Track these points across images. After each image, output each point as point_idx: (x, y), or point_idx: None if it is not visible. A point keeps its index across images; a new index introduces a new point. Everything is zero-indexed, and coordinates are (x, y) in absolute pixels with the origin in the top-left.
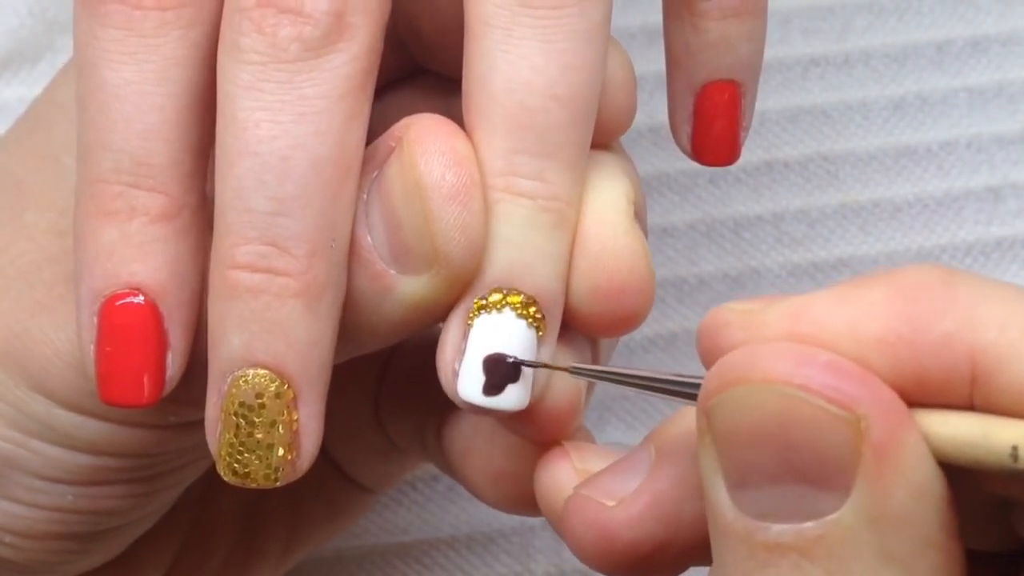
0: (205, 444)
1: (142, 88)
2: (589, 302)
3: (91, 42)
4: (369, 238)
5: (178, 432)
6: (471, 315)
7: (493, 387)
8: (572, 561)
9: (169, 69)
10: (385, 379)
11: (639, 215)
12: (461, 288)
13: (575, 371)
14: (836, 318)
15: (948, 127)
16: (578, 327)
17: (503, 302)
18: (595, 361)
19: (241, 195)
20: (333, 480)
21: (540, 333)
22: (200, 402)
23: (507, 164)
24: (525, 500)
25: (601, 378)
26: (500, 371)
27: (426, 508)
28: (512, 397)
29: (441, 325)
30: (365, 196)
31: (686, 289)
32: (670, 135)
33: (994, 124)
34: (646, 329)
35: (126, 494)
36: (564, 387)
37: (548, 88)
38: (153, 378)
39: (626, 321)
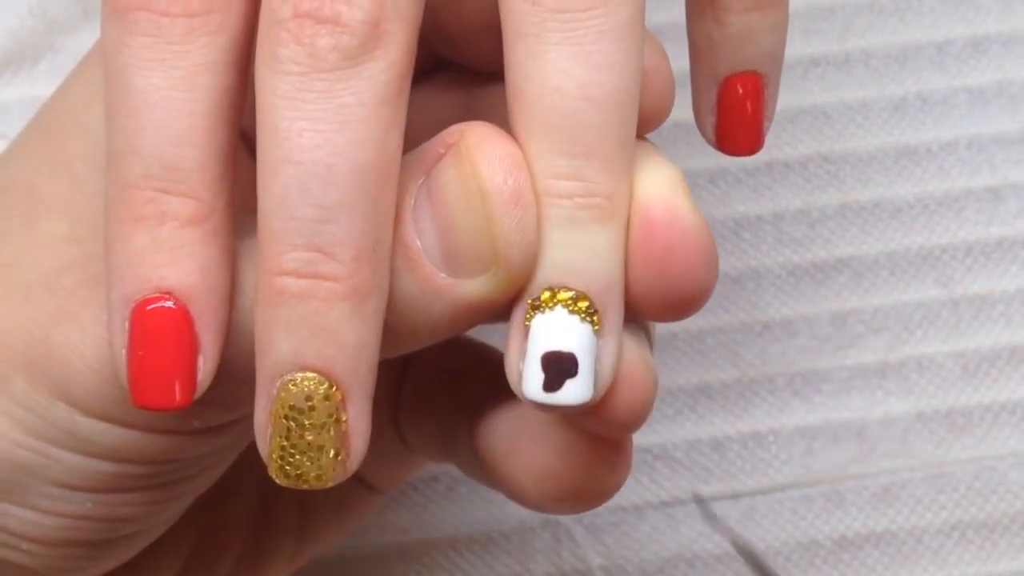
0: (222, 450)
1: (171, 94)
2: (660, 287)
3: (120, 49)
4: (419, 242)
5: (199, 438)
6: (527, 316)
7: (552, 384)
8: (572, 561)
9: (198, 75)
10: (405, 382)
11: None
12: (515, 289)
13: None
14: None
15: (948, 127)
16: (647, 313)
17: (553, 300)
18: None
19: (286, 203)
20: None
21: (596, 327)
22: (223, 405)
23: (545, 167)
24: (570, 497)
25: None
26: (557, 368)
27: (426, 508)
28: (572, 392)
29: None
30: (412, 201)
31: None
32: (670, 134)
33: (994, 124)
34: None
35: (144, 501)
36: (638, 380)
37: (579, 90)
38: (185, 382)
39: (698, 300)
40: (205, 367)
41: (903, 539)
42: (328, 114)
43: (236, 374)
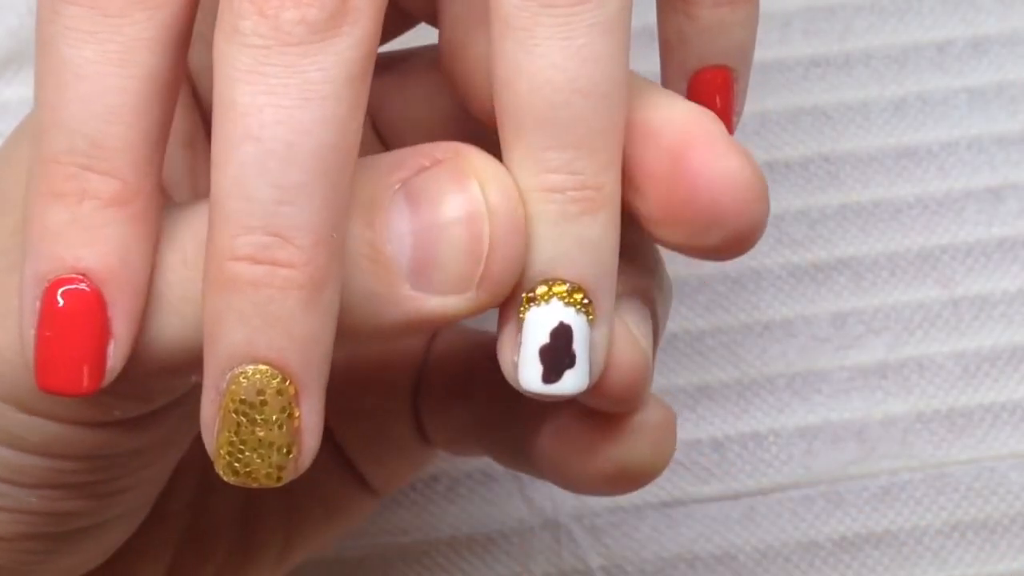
0: (162, 445)
1: (104, 68)
2: (707, 218)
3: (52, 19)
4: (390, 246)
5: (129, 433)
6: (521, 309)
7: (550, 376)
8: (572, 562)
9: (134, 51)
10: (428, 368)
11: None
12: (489, 308)
13: None
14: None
15: (949, 128)
16: (693, 252)
17: (549, 293)
18: (655, 331)
19: (242, 183)
20: (330, 480)
21: (590, 317)
22: (139, 396)
23: (537, 162)
24: (620, 476)
25: None
26: (556, 360)
27: (426, 508)
28: (571, 382)
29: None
30: (387, 203)
31: (686, 290)
32: None
33: (995, 125)
34: None
35: (88, 495)
36: (627, 360)
37: (570, 83)
38: (93, 368)
39: (751, 233)
40: (116, 353)
41: (903, 540)
42: (292, 90)
43: (150, 364)
